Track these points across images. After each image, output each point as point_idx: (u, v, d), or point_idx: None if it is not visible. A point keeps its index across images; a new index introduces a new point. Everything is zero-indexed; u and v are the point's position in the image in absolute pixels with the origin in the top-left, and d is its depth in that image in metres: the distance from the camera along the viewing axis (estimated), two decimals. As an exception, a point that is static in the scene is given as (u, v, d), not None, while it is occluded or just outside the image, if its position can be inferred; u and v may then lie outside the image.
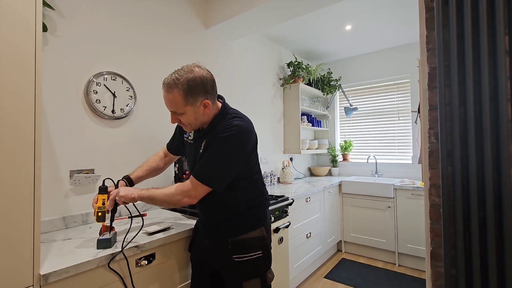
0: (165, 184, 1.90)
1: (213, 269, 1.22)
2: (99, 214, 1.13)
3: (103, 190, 1.16)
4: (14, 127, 0.85)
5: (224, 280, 1.19)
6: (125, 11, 1.72)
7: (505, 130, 0.94)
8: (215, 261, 1.19)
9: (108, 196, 1.16)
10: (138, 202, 1.19)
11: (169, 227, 1.34)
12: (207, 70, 1.10)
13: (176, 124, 1.23)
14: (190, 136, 1.25)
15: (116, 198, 1.14)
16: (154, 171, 1.42)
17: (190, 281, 1.34)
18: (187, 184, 1.09)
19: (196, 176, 1.07)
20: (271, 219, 1.33)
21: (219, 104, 1.18)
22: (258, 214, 1.19)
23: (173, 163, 1.86)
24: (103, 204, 1.14)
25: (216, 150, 1.06)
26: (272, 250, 1.25)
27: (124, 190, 1.15)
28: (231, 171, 1.08)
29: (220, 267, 1.18)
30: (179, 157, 1.50)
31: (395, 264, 2.86)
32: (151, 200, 1.13)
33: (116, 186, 1.23)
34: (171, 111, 1.09)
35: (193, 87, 1.02)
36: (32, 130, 0.89)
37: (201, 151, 1.14)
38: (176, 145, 1.40)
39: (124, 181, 1.30)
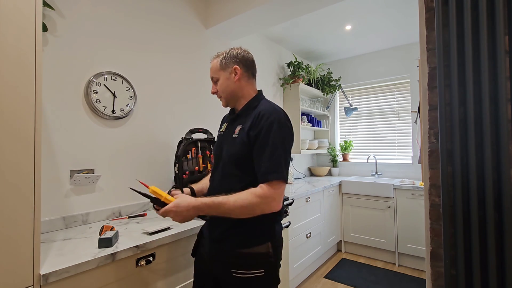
0: (165, 184, 1.91)
1: (215, 279, 1.12)
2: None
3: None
4: (14, 127, 0.85)
5: None
6: (125, 11, 1.72)
7: (505, 130, 0.94)
8: (216, 272, 1.09)
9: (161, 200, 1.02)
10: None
11: (169, 227, 1.34)
12: (249, 52, 1.20)
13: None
14: (223, 128, 1.23)
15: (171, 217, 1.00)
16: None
17: (190, 281, 1.34)
18: (265, 188, 0.96)
19: (274, 176, 0.95)
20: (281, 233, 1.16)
21: (255, 89, 1.19)
22: (268, 227, 1.06)
23: (174, 163, 1.87)
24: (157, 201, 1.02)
25: (272, 136, 0.99)
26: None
27: (179, 215, 0.98)
28: (288, 159, 1.02)
29: (221, 280, 1.08)
30: None
31: (395, 264, 2.86)
32: (225, 211, 0.97)
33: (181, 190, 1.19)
34: (211, 80, 1.19)
35: (228, 57, 1.15)
36: (32, 130, 0.89)
37: (234, 135, 1.08)
38: None
39: (189, 188, 1.24)
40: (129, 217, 1.60)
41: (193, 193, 1.26)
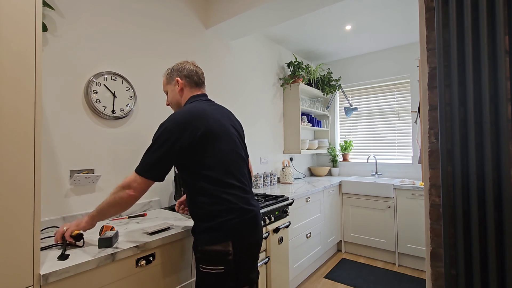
0: (165, 184, 1.91)
1: None
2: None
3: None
4: (14, 127, 0.85)
5: None
6: (125, 11, 1.72)
7: (505, 130, 0.94)
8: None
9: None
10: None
11: (169, 227, 1.34)
12: (197, 66, 1.31)
13: None
14: None
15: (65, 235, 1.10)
16: None
17: (190, 281, 1.34)
18: (128, 177, 1.10)
19: (136, 168, 1.10)
20: (253, 231, 1.17)
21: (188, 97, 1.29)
22: (225, 227, 1.09)
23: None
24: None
25: (153, 137, 1.13)
26: (272, 250, 1.21)
27: (75, 226, 1.12)
28: (160, 159, 1.08)
29: None
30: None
31: (395, 264, 2.86)
32: (101, 212, 1.11)
33: None
34: (165, 93, 1.34)
35: (172, 71, 1.30)
36: (32, 130, 0.89)
37: None
38: None
39: None
40: (129, 217, 1.60)
41: None
